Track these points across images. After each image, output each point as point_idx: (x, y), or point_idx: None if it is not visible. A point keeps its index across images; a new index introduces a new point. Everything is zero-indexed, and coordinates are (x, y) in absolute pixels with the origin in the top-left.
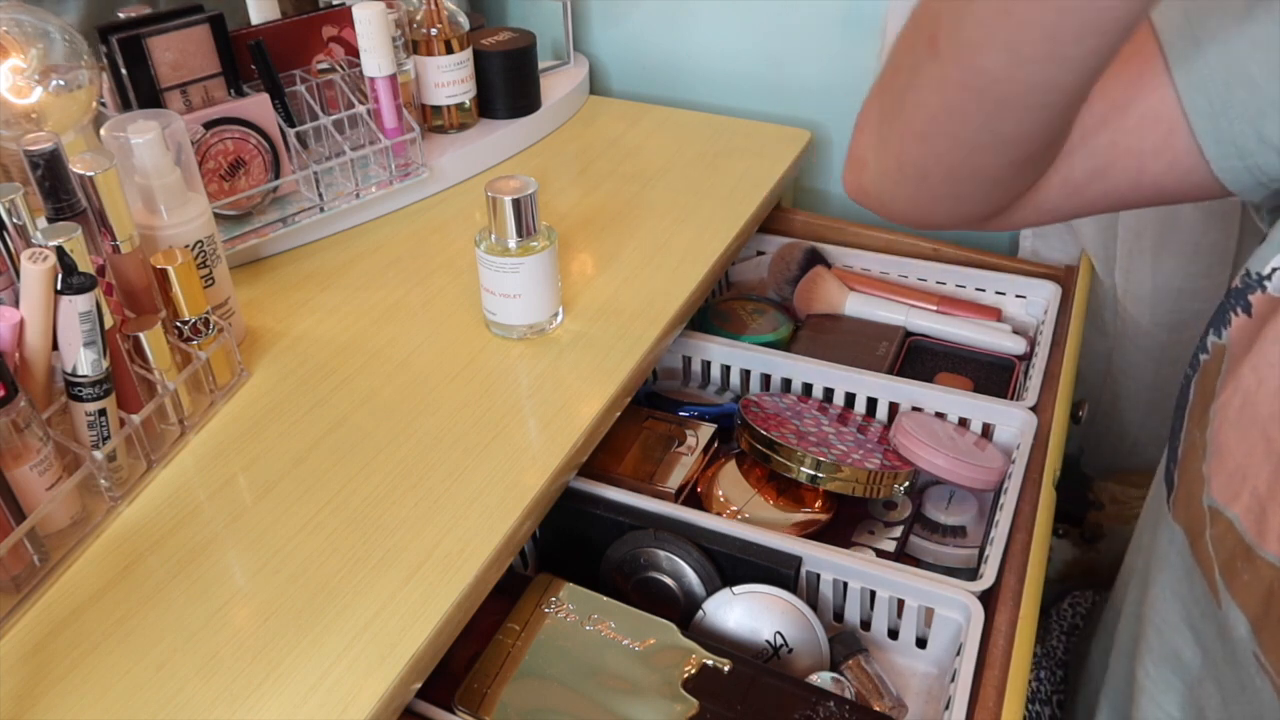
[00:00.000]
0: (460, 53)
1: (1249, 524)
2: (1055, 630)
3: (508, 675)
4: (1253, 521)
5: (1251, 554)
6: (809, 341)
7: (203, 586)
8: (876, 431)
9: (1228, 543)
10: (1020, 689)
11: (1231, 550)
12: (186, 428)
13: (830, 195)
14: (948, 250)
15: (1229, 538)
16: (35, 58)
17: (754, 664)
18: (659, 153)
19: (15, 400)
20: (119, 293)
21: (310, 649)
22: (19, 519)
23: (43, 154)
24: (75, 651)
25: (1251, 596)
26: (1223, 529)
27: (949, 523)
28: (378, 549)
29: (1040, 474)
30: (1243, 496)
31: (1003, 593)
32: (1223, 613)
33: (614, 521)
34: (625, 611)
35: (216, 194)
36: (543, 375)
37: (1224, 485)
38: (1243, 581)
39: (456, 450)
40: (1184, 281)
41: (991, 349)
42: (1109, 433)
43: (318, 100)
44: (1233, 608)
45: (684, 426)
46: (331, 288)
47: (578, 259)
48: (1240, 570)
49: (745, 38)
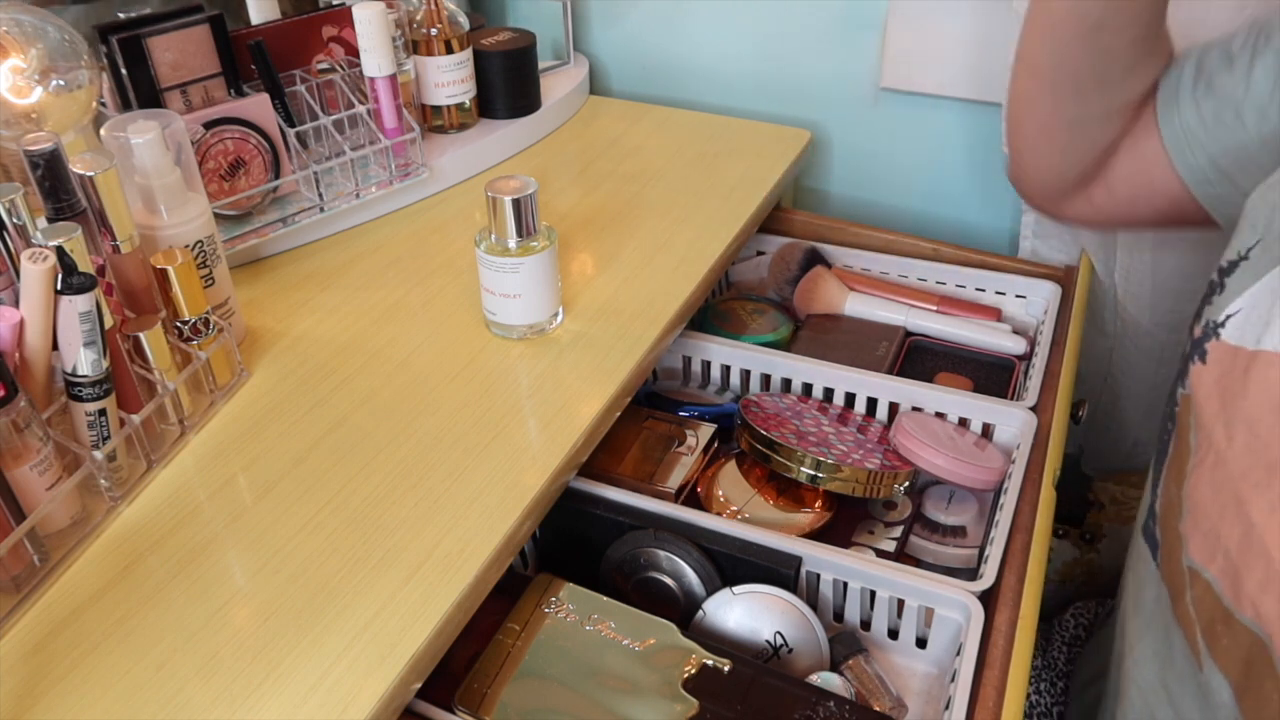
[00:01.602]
0: (460, 53)
1: (1226, 586)
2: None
3: (508, 675)
4: (1228, 584)
5: (1230, 617)
6: (809, 341)
7: (203, 586)
8: (876, 431)
9: (1207, 604)
10: (1020, 689)
11: (1211, 612)
12: (186, 428)
13: (830, 195)
14: (948, 250)
15: (1208, 599)
16: (35, 58)
17: (754, 664)
18: (659, 153)
19: (15, 400)
20: (119, 293)
21: (310, 649)
22: (19, 519)
23: (43, 154)
24: (75, 651)
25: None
26: (1202, 590)
27: (949, 523)
28: (378, 549)
29: (1040, 474)
30: (1218, 558)
31: (1003, 593)
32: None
33: (614, 521)
34: (625, 611)
35: (216, 194)
36: (543, 375)
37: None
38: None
39: (456, 450)
40: (1184, 281)
41: (991, 349)
42: (1109, 433)
43: (318, 100)
44: (1214, 671)
45: (684, 426)
46: (331, 288)
47: (578, 259)
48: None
49: (745, 38)
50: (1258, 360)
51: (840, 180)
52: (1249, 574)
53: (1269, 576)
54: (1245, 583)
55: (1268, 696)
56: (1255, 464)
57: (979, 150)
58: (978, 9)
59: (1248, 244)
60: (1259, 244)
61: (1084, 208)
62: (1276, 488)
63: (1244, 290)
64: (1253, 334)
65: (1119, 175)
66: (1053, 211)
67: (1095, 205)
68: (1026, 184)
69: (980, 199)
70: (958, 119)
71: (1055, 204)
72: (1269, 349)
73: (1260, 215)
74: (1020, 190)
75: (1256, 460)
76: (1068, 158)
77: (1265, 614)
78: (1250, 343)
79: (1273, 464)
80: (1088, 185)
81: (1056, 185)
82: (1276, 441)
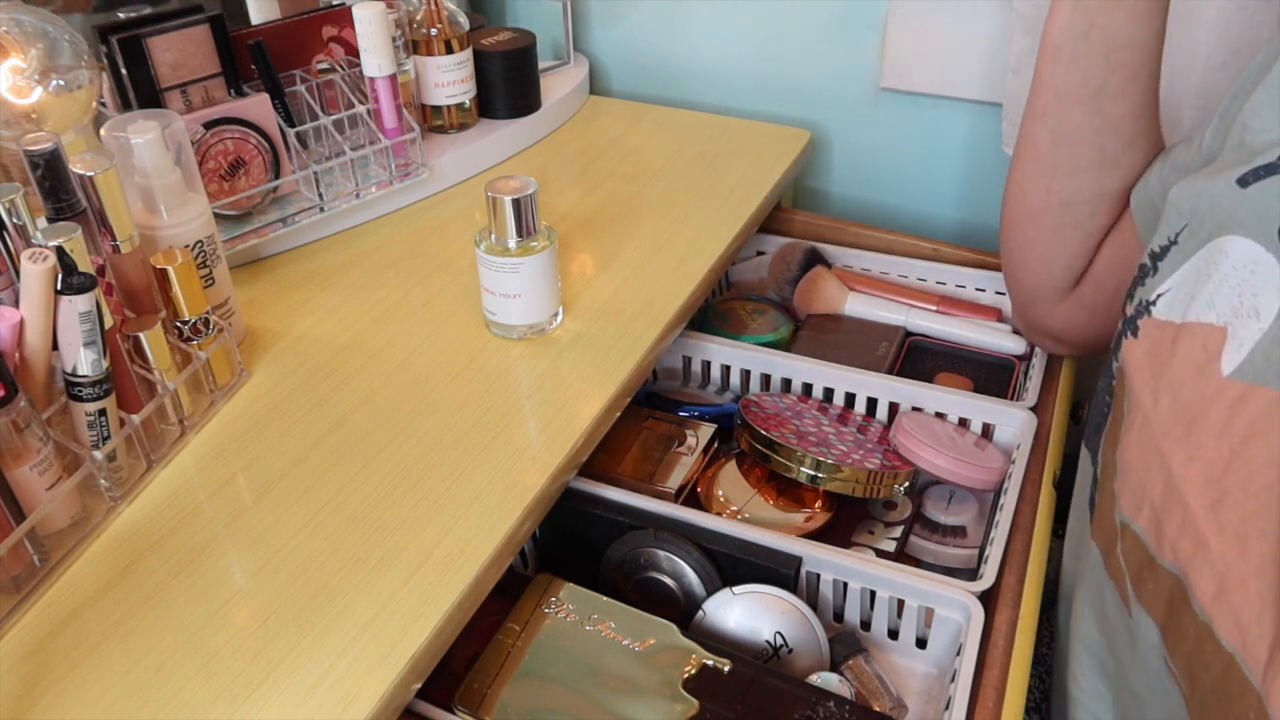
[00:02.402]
0: (460, 53)
1: (1151, 535)
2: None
3: (508, 675)
4: (1153, 533)
5: (1154, 563)
6: (809, 341)
7: (203, 586)
8: (876, 431)
9: (1135, 554)
10: (1020, 689)
11: (1139, 561)
12: (186, 428)
13: (830, 195)
14: (948, 250)
15: (1136, 549)
16: (35, 58)
17: (754, 664)
18: (659, 153)
19: (15, 400)
20: (119, 293)
21: (310, 649)
22: (19, 519)
23: (43, 154)
24: (75, 651)
25: (1157, 604)
26: (1131, 542)
27: (949, 523)
28: (378, 549)
29: (1040, 474)
30: (1144, 510)
31: (1003, 593)
32: (1134, 621)
33: (614, 521)
34: (625, 611)
35: (216, 194)
36: (543, 375)
37: (1129, 501)
38: (1148, 590)
39: (456, 450)
40: None
41: (991, 349)
42: None
43: (318, 100)
44: (1142, 615)
45: (684, 426)
46: (331, 288)
47: (578, 259)
48: (1146, 579)
49: (745, 38)
50: (1184, 331)
51: (840, 180)
52: (1169, 521)
53: (1185, 521)
54: (1166, 529)
55: (1185, 631)
56: (1177, 421)
57: (979, 150)
58: (978, 9)
59: (1175, 229)
60: (1185, 228)
61: (1076, 311)
62: (1193, 440)
63: (1174, 271)
64: (1179, 308)
65: (1102, 266)
66: (1047, 322)
67: (1087, 306)
68: (1020, 289)
69: (980, 199)
70: (957, 119)
71: (1049, 308)
72: (1193, 320)
73: (1186, 202)
74: (1014, 299)
75: (1178, 418)
76: (1054, 245)
77: (1182, 556)
78: (1177, 316)
79: (1192, 420)
80: (1077, 286)
81: (1045, 281)
82: (1195, 400)
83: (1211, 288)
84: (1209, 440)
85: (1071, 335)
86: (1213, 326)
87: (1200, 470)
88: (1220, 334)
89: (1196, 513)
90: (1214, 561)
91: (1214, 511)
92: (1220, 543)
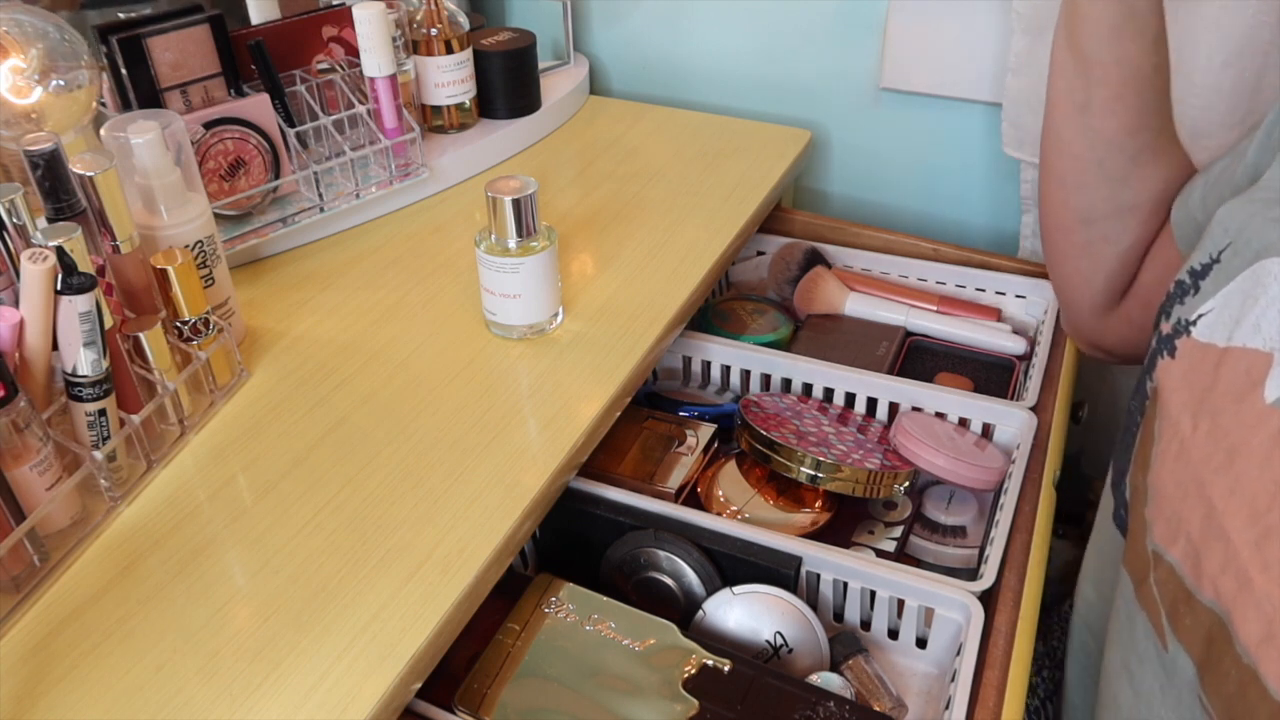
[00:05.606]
0: (460, 53)
1: (1188, 568)
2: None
3: (508, 675)
4: (1190, 566)
5: (1192, 598)
6: (809, 341)
7: (203, 586)
8: (876, 431)
9: (1170, 586)
10: (1020, 689)
11: (1175, 594)
12: (186, 428)
13: (830, 195)
14: (948, 250)
15: (1171, 581)
16: (35, 58)
17: (754, 664)
18: (659, 153)
19: (15, 400)
20: (119, 293)
21: (310, 649)
22: (19, 519)
23: (43, 154)
24: (75, 651)
25: (1195, 640)
26: (1165, 573)
27: (949, 523)
28: (378, 549)
29: (1040, 474)
30: (1180, 541)
31: (1003, 593)
32: (1169, 656)
33: (614, 521)
34: (625, 611)
35: (216, 194)
36: (543, 375)
37: (1164, 530)
38: (1185, 625)
39: (456, 450)
40: None
41: (991, 349)
42: (1109, 433)
43: (318, 100)
44: (1179, 651)
45: (684, 426)
46: (331, 288)
47: (578, 259)
48: (1183, 614)
49: (745, 38)
50: (1228, 355)
51: (840, 180)
52: (1209, 555)
53: (1228, 557)
54: (1206, 564)
55: (1226, 672)
56: (1216, 450)
57: (979, 150)
58: (978, 9)
59: (1219, 246)
60: (1229, 247)
61: (1124, 327)
62: (1235, 471)
63: (1217, 291)
64: (1224, 331)
65: (1148, 283)
66: (1097, 337)
67: (1135, 323)
68: (1066, 303)
69: (980, 199)
70: (957, 119)
71: (1097, 322)
72: (1238, 345)
73: (1234, 220)
74: (1063, 312)
75: (1218, 446)
76: (1089, 261)
77: (1224, 593)
78: (1221, 340)
79: (1233, 449)
80: (1123, 301)
81: (1087, 295)
82: (1236, 428)
83: (1259, 311)
84: (1252, 472)
85: (1123, 350)
86: (1259, 352)
87: (1243, 504)
88: (1266, 360)
89: (1240, 549)
90: (1260, 603)
91: (1259, 549)
92: (1266, 582)
